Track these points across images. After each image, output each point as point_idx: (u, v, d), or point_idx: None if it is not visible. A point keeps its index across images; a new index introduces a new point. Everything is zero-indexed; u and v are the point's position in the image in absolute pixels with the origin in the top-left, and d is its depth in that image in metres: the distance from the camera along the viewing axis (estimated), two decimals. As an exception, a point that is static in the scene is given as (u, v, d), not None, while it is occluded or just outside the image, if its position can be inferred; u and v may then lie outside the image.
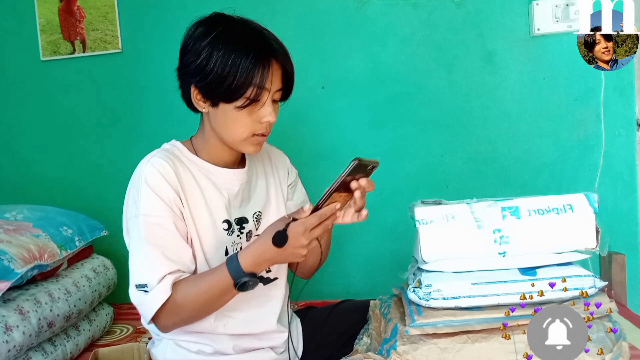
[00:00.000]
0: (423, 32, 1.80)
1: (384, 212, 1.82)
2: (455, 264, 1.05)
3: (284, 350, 1.20)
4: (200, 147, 1.13)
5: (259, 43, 1.02)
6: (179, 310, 1.02)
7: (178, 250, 1.05)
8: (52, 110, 1.98)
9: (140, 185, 1.04)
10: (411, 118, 1.82)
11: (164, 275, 1.01)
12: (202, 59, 1.01)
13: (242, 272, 0.99)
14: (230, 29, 1.02)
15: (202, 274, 1.06)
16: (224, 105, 1.03)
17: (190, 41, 1.04)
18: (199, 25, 1.04)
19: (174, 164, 1.07)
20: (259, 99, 1.02)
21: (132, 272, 1.04)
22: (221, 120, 1.05)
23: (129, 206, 1.07)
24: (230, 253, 1.11)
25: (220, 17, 1.05)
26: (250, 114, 1.04)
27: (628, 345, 0.96)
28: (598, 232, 1.02)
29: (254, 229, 1.17)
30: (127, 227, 1.08)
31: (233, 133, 1.06)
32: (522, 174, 1.79)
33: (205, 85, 1.02)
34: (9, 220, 1.51)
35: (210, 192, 1.11)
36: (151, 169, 1.04)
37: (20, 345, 1.24)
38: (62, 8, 1.93)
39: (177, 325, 1.06)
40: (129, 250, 1.07)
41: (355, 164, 0.91)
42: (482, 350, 0.96)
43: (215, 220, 1.10)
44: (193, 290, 1.02)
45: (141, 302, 1.02)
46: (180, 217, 1.06)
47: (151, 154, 1.08)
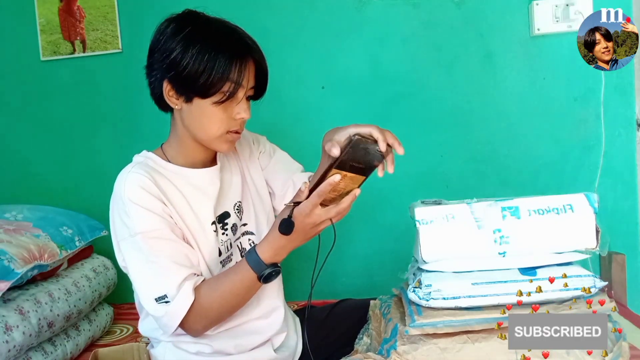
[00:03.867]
0: (423, 32, 1.80)
1: (384, 212, 1.82)
2: (455, 264, 1.04)
3: (283, 349, 1.20)
4: (174, 153, 1.11)
5: (235, 39, 1.02)
6: (206, 313, 1.02)
7: (186, 255, 1.04)
8: (52, 110, 1.98)
9: (126, 205, 1.02)
10: (411, 118, 1.82)
11: (182, 281, 1.01)
12: (176, 54, 1.00)
13: (264, 265, 0.99)
14: (205, 25, 1.02)
15: (221, 274, 1.06)
16: (199, 100, 1.02)
17: (162, 37, 1.03)
18: (171, 22, 1.04)
19: (152, 176, 1.05)
20: (235, 95, 1.02)
21: (144, 288, 1.03)
22: (196, 117, 1.04)
23: (117, 228, 1.05)
24: (222, 253, 1.11)
25: (193, 14, 1.05)
26: (225, 110, 1.03)
27: (628, 345, 0.95)
28: (598, 232, 1.02)
29: (237, 221, 1.15)
30: (120, 248, 1.06)
31: (208, 130, 1.04)
32: (522, 174, 1.79)
33: (179, 80, 1.01)
34: (9, 220, 1.51)
35: (194, 197, 1.09)
36: (131, 185, 1.02)
37: (20, 345, 1.24)
38: (62, 8, 1.93)
39: (207, 328, 1.06)
40: (131, 269, 1.05)
41: (357, 138, 0.86)
42: (482, 350, 0.96)
43: (204, 224, 1.09)
44: (216, 292, 1.02)
45: (165, 314, 1.01)
46: (174, 224, 1.05)
47: (125, 171, 1.06)
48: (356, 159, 0.88)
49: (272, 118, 1.77)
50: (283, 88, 1.84)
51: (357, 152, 0.88)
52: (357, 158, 0.88)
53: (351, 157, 0.87)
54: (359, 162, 0.89)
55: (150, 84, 1.08)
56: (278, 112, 1.82)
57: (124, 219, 1.03)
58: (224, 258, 1.12)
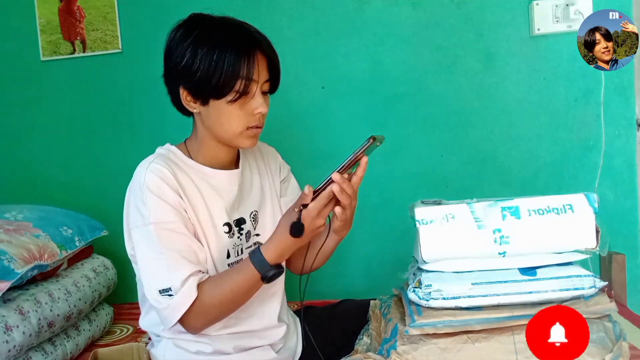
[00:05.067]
0: (423, 32, 1.80)
1: (384, 212, 1.82)
2: (455, 264, 1.05)
3: (283, 350, 1.20)
4: (196, 150, 1.13)
5: (241, 36, 1.03)
6: (207, 310, 1.03)
7: (195, 251, 1.05)
8: (52, 110, 1.98)
9: (144, 194, 1.03)
10: (411, 118, 1.82)
11: (187, 276, 1.01)
12: (186, 60, 1.01)
13: (269, 265, 1.00)
14: (211, 26, 1.03)
15: (224, 272, 1.07)
16: (215, 102, 1.04)
17: (173, 44, 1.05)
18: (179, 28, 1.05)
19: (172, 169, 1.06)
20: (248, 91, 1.03)
21: (150, 278, 1.04)
22: (214, 118, 1.06)
23: (131, 215, 1.07)
24: (231, 255, 1.12)
25: (198, 17, 1.06)
26: (242, 107, 1.04)
27: (628, 345, 0.95)
28: (598, 232, 1.02)
29: (252, 229, 1.17)
30: (132, 236, 1.07)
31: (228, 128, 1.06)
32: (522, 174, 1.79)
33: (193, 85, 1.03)
34: (9, 220, 1.51)
35: (211, 196, 1.11)
36: (152, 176, 1.04)
37: (20, 345, 1.24)
38: (62, 8, 1.93)
39: (206, 325, 1.07)
40: (140, 258, 1.06)
41: (370, 142, 0.95)
42: (482, 350, 0.96)
43: (217, 224, 1.10)
44: (219, 289, 1.02)
45: (167, 306, 1.02)
46: (188, 219, 1.06)
47: (147, 160, 1.08)
48: (355, 160, 0.98)
49: (272, 118, 1.76)
50: (283, 88, 1.81)
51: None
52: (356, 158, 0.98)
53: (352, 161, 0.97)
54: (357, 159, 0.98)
55: (169, 92, 1.10)
56: (278, 112, 1.81)
57: (140, 207, 1.04)
58: (232, 261, 1.13)
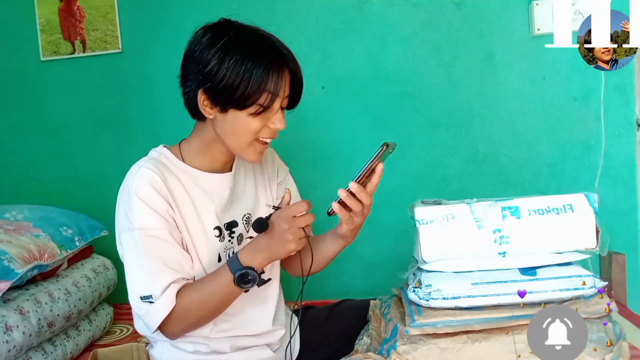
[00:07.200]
0: (423, 32, 1.80)
1: (384, 212, 1.82)
2: (455, 264, 1.05)
3: (281, 349, 1.20)
4: (192, 153, 1.11)
5: (272, 50, 1.01)
6: (185, 316, 1.02)
7: (178, 259, 1.05)
8: (52, 110, 1.98)
9: (131, 198, 1.03)
10: (411, 118, 1.82)
11: (168, 284, 1.01)
12: (212, 65, 0.99)
13: (240, 265, 1.00)
14: (241, 35, 1.01)
15: (203, 278, 1.06)
16: (235, 112, 1.02)
17: (198, 47, 1.02)
18: (207, 31, 1.03)
19: (162, 173, 1.05)
20: (271, 106, 1.02)
21: (132, 284, 1.04)
22: (230, 127, 1.04)
23: (120, 219, 1.06)
24: (222, 259, 1.11)
25: (228, 24, 1.04)
26: (261, 120, 1.03)
27: (628, 345, 0.95)
28: (598, 232, 1.02)
29: (244, 232, 1.16)
30: (120, 240, 1.07)
31: (242, 139, 1.05)
32: (522, 174, 1.79)
33: (215, 92, 1.01)
34: (9, 220, 1.51)
35: (200, 200, 1.10)
36: (140, 180, 1.03)
37: (20, 345, 1.24)
38: (62, 8, 1.93)
39: (185, 331, 1.07)
40: (125, 262, 1.06)
41: (383, 149, 0.98)
42: (482, 350, 0.96)
43: (206, 227, 1.10)
44: (197, 295, 1.02)
45: (146, 313, 1.02)
46: (175, 226, 1.06)
47: (138, 164, 1.07)
48: (370, 168, 1.04)
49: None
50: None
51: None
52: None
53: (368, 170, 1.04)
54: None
55: (184, 93, 1.07)
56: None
57: (127, 211, 1.04)
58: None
